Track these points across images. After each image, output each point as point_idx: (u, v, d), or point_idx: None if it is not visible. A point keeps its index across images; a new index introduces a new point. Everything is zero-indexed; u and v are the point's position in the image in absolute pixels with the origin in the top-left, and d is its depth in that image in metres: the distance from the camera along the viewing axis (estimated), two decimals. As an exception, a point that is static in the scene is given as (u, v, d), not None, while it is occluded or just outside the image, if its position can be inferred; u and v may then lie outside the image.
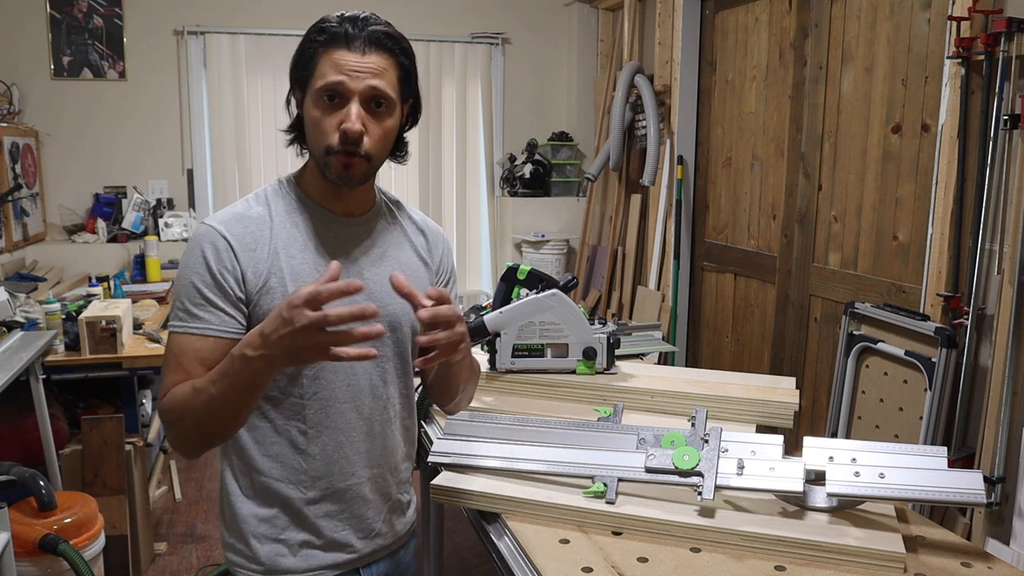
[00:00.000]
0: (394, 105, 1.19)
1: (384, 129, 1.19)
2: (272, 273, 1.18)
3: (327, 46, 1.16)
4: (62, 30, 4.39)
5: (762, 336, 3.63)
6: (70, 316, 2.85)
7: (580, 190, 5.11)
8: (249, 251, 1.18)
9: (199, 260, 1.17)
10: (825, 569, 1.25)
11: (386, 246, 1.30)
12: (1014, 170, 2.24)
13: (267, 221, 1.21)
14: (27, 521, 2.27)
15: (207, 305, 1.16)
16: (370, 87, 1.15)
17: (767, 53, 3.54)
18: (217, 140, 4.65)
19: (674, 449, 1.40)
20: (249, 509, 1.26)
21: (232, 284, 1.16)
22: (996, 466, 2.20)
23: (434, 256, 1.37)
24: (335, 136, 1.16)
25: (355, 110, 1.15)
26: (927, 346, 2.52)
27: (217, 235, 1.18)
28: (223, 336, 1.16)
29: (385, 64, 1.17)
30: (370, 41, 1.15)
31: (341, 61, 1.14)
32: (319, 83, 1.15)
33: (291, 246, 1.21)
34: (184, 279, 1.18)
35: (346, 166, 1.17)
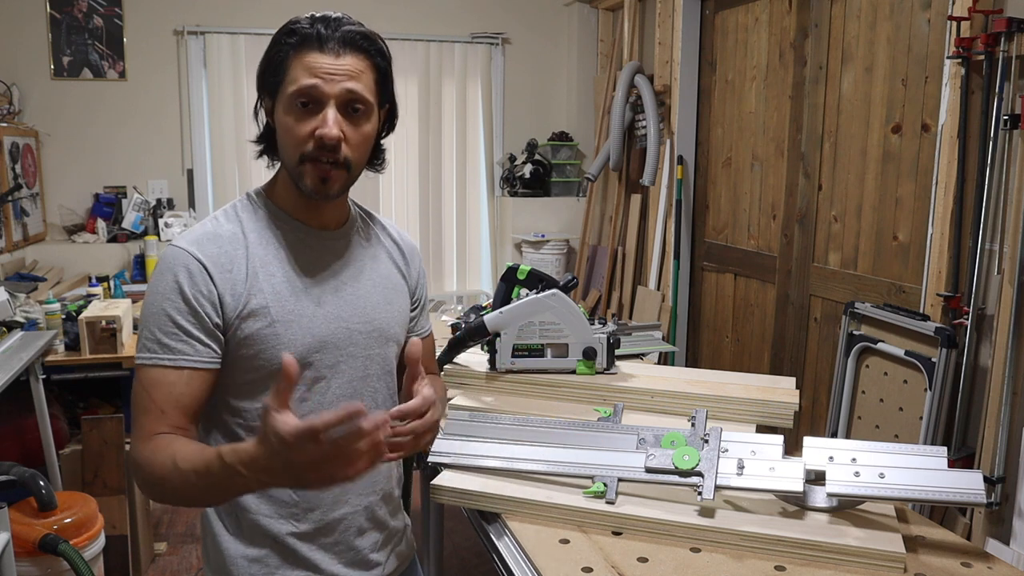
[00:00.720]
0: (372, 109, 1.13)
1: (363, 135, 1.13)
2: (252, 294, 1.11)
3: (298, 49, 1.09)
4: (62, 30, 4.39)
5: (762, 336, 3.63)
6: (70, 316, 2.85)
7: (580, 190, 5.11)
8: (225, 272, 1.10)
9: (171, 286, 1.08)
10: (825, 569, 1.25)
11: (364, 260, 1.25)
12: (1014, 170, 2.24)
13: (241, 238, 1.14)
14: (27, 521, 2.27)
15: (181, 334, 1.07)
16: (346, 90, 1.09)
17: (767, 53, 3.54)
18: (217, 140, 4.65)
19: (674, 449, 1.40)
20: (237, 549, 1.17)
21: (208, 310, 1.08)
22: (996, 466, 2.20)
23: (411, 273, 1.34)
24: (310, 143, 1.09)
25: (332, 115, 1.08)
26: (927, 346, 2.52)
27: (190, 258, 1.09)
28: (198, 367, 1.08)
29: (361, 66, 1.11)
30: (344, 42, 1.09)
31: (314, 64, 1.08)
32: (291, 88, 1.09)
33: (269, 263, 1.14)
34: (154, 306, 1.09)
35: (323, 179, 1.11)
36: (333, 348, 1.17)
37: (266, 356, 1.11)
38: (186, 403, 1.08)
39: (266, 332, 1.11)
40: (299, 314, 1.13)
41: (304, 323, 1.13)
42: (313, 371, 1.15)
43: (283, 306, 1.12)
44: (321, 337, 1.15)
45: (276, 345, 1.11)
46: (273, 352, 1.11)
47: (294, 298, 1.14)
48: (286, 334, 1.12)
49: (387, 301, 1.25)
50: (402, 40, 4.77)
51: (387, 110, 1.21)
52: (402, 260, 1.32)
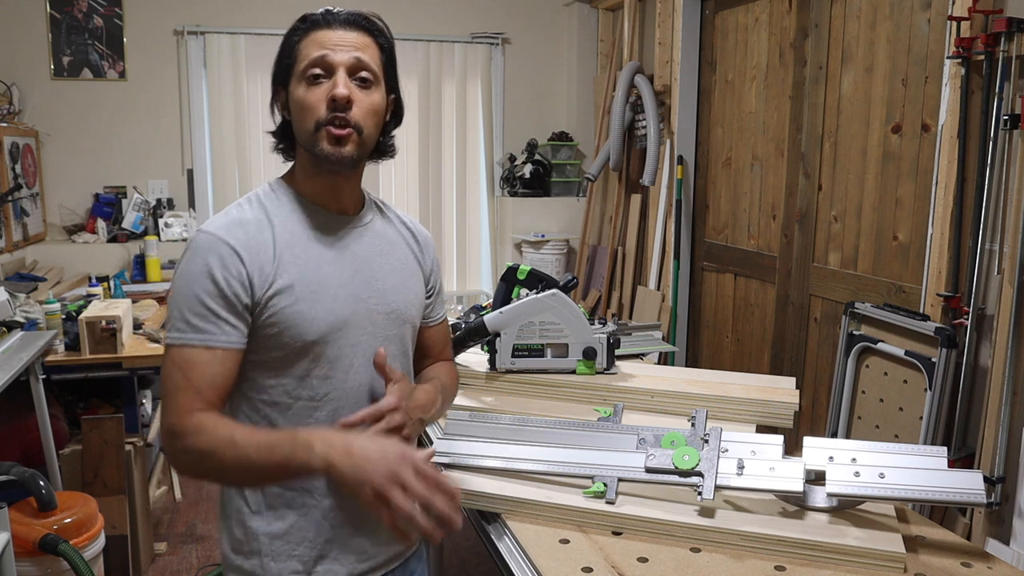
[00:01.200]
0: (379, 82, 1.20)
1: (371, 102, 1.18)
2: (278, 275, 1.16)
3: (308, 32, 1.19)
4: (62, 30, 4.39)
5: (762, 336, 3.63)
6: (70, 316, 2.85)
7: (580, 190, 5.11)
8: (254, 255, 1.15)
9: (202, 270, 1.13)
10: (825, 569, 1.25)
11: (382, 244, 1.30)
12: (1014, 170, 2.24)
13: (266, 223, 1.19)
14: (27, 521, 2.27)
15: (210, 315, 1.12)
16: (354, 58, 1.17)
17: (767, 53, 3.54)
18: (217, 140, 4.64)
19: (674, 449, 1.40)
20: (261, 526, 1.21)
21: (239, 291, 1.13)
22: (996, 466, 2.20)
23: (426, 262, 1.38)
24: (322, 108, 1.15)
25: (342, 78, 1.15)
26: (927, 346, 2.52)
27: (220, 242, 1.14)
28: (227, 348, 1.13)
29: (367, 41, 1.19)
30: (350, 21, 1.19)
31: (323, 38, 1.17)
32: (303, 63, 1.17)
33: (294, 245, 1.19)
34: (186, 290, 1.14)
35: (338, 140, 1.16)
36: (354, 327, 1.21)
37: (291, 333, 1.16)
38: (219, 383, 1.13)
39: (291, 310, 1.15)
40: (322, 293, 1.18)
41: (327, 302, 1.18)
42: (335, 349, 1.19)
43: (307, 285, 1.17)
44: (343, 316, 1.19)
45: (301, 323, 1.16)
46: (298, 330, 1.16)
47: (317, 278, 1.18)
48: (310, 312, 1.16)
49: (404, 284, 1.30)
50: (402, 40, 4.75)
51: (393, 101, 1.25)
52: (417, 247, 1.36)
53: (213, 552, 3.11)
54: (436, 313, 1.44)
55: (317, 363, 1.18)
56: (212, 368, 1.12)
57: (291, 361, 1.18)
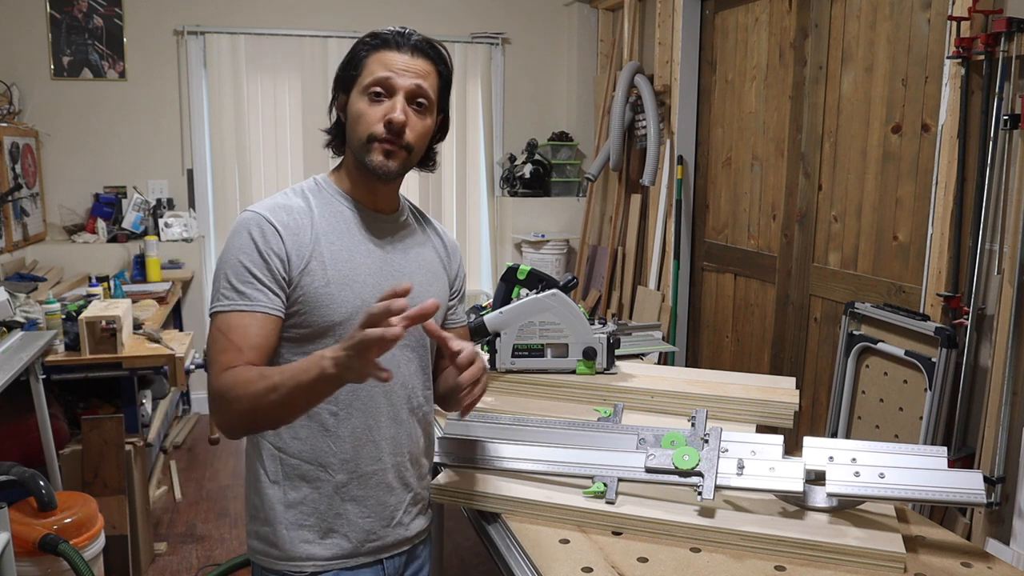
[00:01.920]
0: (433, 108, 1.30)
1: (424, 126, 1.28)
2: (313, 256, 1.24)
3: (377, 48, 1.27)
4: (62, 30, 4.39)
5: (762, 336, 3.63)
6: (70, 316, 2.85)
7: (580, 190, 5.11)
8: (293, 235, 1.24)
9: (247, 241, 1.22)
10: (825, 569, 1.25)
11: (412, 244, 1.38)
12: (1014, 170, 2.24)
13: (307, 211, 1.28)
14: (27, 521, 2.27)
15: (255, 282, 1.21)
16: (415, 85, 1.25)
17: (767, 53, 3.54)
18: (217, 140, 4.64)
19: (674, 449, 1.40)
20: (277, 495, 1.29)
21: (278, 264, 1.22)
22: (996, 466, 2.20)
23: (452, 267, 1.47)
24: (379, 126, 1.24)
25: (400, 103, 1.24)
26: (927, 346, 2.52)
27: (263, 220, 1.24)
28: (269, 313, 1.21)
29: (429, 69, 1.28)
30: (417, 48, 1.28)
31: (390, 60, 1.26)
32: (367, 80, 1.25)
33: (330, 233, 1.27)
34: (231, 259, 1.23)
35: (387, 153, 1.25)
36: None
37: (319, 313, 1.24)
38: (260, 343, 1.20)
39: (322, 291, 1.24)
40: (352, 279, 1.26)
41: (355, 287, 1.26)
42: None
43: (339, 270, 1.26)
44: (367, 301, 1.24)
45: (329, 304, 1.24)
46: (325, 310, 1.24)
47: (349, 265, 1.27)
48: (339, 295, 1.25)
49: (428, 283, 1.37)
50: (402, 40, 4.76)
51: (441, 119, 1.36)
52: (444, 253, 1.45)
53: (213, 552, 3.11)
54: (458, 316, 1.51)
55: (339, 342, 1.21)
56: (253, 330, 1.20)
57: (316, 338, 1.24)
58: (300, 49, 4.67)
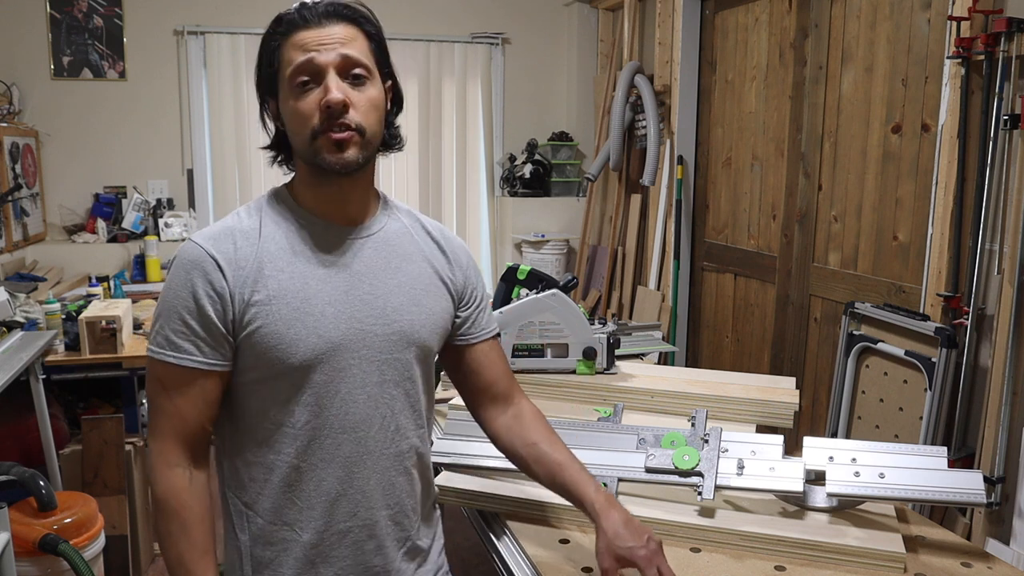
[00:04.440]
0: (373, 74, 1.10)
1: (368, 99, 1.09)
2: (256, 290, 1.08)
3: (286, 34, 1.09)
4: (62, 30, 4.39)
5: (762, 336, 3.63)
6: (70, 316, 2.85)
7: (580, 190, 5.11)
8: (237, 269, 1.08)
9: (183, 285, 1.08)
10: (825, 569, 1.25)
11: (391, 258, 1.17)
12: (1014, 170, 2.24)
13: (256, 234, 1.11)
14: (27, 521, 2.27)
15: (189, 334, 1.07)
16: (341, 56, 1.07)
17: (767, 53, 3.54)
18: (217, 140, 4.64)
19: (674, 449, 1.40)
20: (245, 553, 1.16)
21: (219, 308, 1.07)
22: (996, 466, 2.20)
23: (456, 275, 1.25)
24: (316, 117, 1.06)
25: (334, 82, 1.06)
26: (927, 346, 2.52)
27: (204, 255, 1.08)
28: (204, 369, 1.08)
29: (351, 33, 1.09)
30: (328, 14, 1.08)
31: (304, 40, 1.07)
32: (287, 71, 1.08)
33: (277, 259, 1.10)
34: (167, 302, 1.09)
35: (339, 144, 1.07)
36: (344, 350, 1.11)
37: (271, 356, 1.08)
38: (200, 407, 1.10)
39: (268, 330, 1.07)
40: (305, 312, 1.09)
41: (310, 322, 1.08)
42: (321, 374, 1.10)
43: (287, 302, 1.08)
44: (330, 338, 1.10)
45: (279, 344, 1.07)
46: (277, 352, 1.08)
47: (301, 296, 1.09)
48: (288, 333, 1.07)
49: (414, 302, 1.17)
50: (402, 40, 4.77)
51: (391, 87, 1.16)
52: (443, 261, 1.24)
53: (213, 552, 3.11)
54: (481, 327, 1.30)
55: (299, 389, 1.10)
56: (192, 391, 1.08)
57: (272, 385, 1.10)
58: (300, 49, 4.67)
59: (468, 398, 1.35)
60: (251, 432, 1.13)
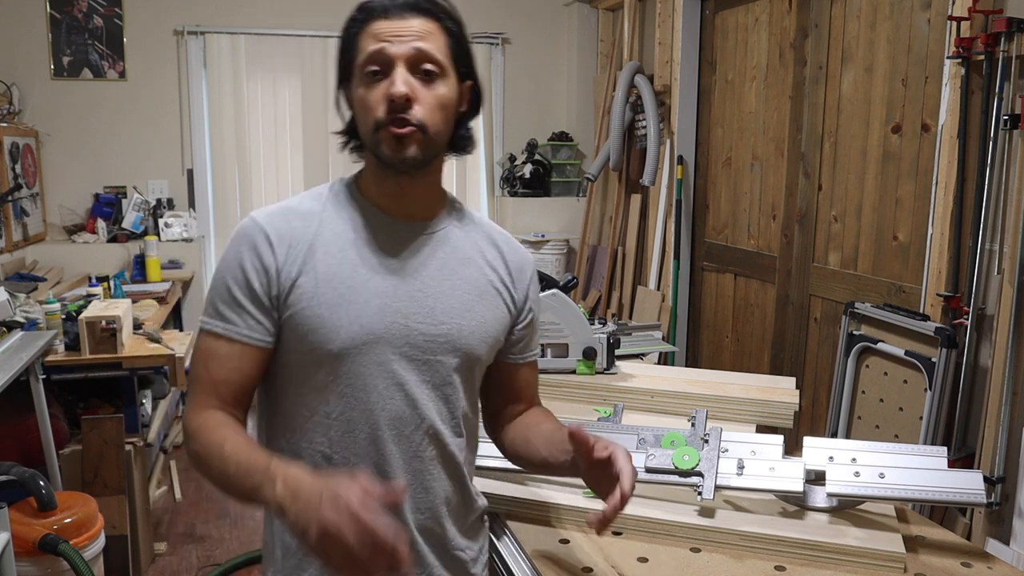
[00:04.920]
0: (446, 72, 1.08)
1: (436, 97, 1.06)
2: (304, 271, 1.07)
3: (364, 23, 1.07)
4: (62, 30, 4.39)
5: (762, 336, 3.63)
6: (70, 316, 2.85)
7: (580, 190, 5.11)
8: (287, 246, 1.08)
9: (235, 258, 1.09)
10: (825, 569, 1.25)
11: (449, 260, 1.14)
12: (1014, 170, 2.24)
13: (316, 216, 1.11)
14: (27, 521, 2.27)
15: (236, 306, 1.07)
16: (414, 49, 1.05)
17: (767, 53, 3.54)
18: (217, 140, 4.64)
19: (674, 449, 1.40)
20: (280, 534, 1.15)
21: (263, 281, 1.07)
22: (996, 466, 2.20)
23: (517, 290, 1.20)
24: (381, 108, 1.05)
25: (400, 74, 1.04)
26: (927, 346, 2.52)
27: (257, 229, 1.09)
28: (248, 343, 1.07)
29: (429, 28, 1.07)
30: (409, 7, 1.06)
31: (380, 30, 1.05)
32: (361, 59, 1.06)
33: (331, 244, 1.09)
34: (219, 275, 1.10)
35: (398, 138, 1.05)
36: (385, 344, 1.08)
37: (309, 339, 1.07)
38: (236, 379, 1.08)
39: (309, 313, 1.07)
40: (349, 299, 1.07)
41: (353, 310, 1.07)
42: (357, 364, 1.08)
43: (333, 287, 1.07)
44: (371, 329, 1.07)
45: (319, 328, 1.06)
46: (315, 336, 1.06)
47: (349, 283, 1.08)
48: (331, 317, 1.06)
49: (466, 308, 1.13)
50: (402, 40, 4.76)
51: (470, 88, 1.13)
52: (505, 273, 1.19)
53: (213, 552, 3.11)
54: (529, 350, 1.27)
55: (336, 377, 1.08)
56: (231, 363, 1.07)
57: (310, 371, 1.09)
58: (300, 49, 4.67)
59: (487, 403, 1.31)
60: (286, 418, 1.13)
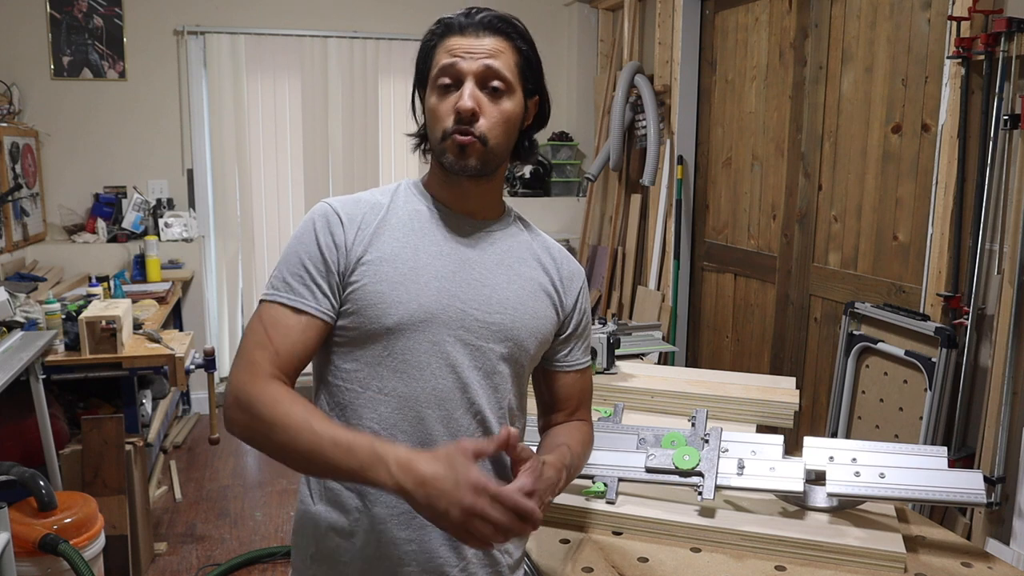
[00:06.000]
0: (513, 89, 1.15)
1: (501, 111, 1.14)
2: (371, 249, 1.14)
3: (442, 36, 1.16)
4: (62, 30, 4.39)
5: (762, 336, 3.63)
6: (70, 316, 2.85)
7: (580, 190, 5.11)
8: (356, 227, 1.15)
9: (308, 232, 1.14)
10: (825, 569, 1.25)
11: (504, 255, 1.21)
12: (1014, 170, 2.24)
13: (383, 206, 1.19)
14: (27, 521, 2.27)
15: (306, 278, 1.12)
16: (484, 66, 1.12)
17: (767, 53, 3.54)
18: (217, 140, 4.64)
19: (674, 449, 1.40)
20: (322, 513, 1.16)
21: (334, 257, 1.13)
22: (996, 466, 2.20)
23: (566, 296, 1.26)
24: (450, 119, 1.13)
25: (468, 89, 1.12)
26: (927, 346, 2.52)
27: (331, 210, 1.16)
28: (314, 315, 1.11)
29: (500, 46, 1.14)
30: (483, 26, 1.14)
31: (454, 45, 1.14)
32: (434, 71, 1.15)
33: (398, 228, 1.16)
34: (290, 250, 1.15)
35: (461, 147, 1.13)
36: (440, 324, 1.13)
37: (368, 313, 1.12)
38: (298, 350, 1.10)
39: (372, 288, 1.12)
40: (410, 279, 1.13)
41: (413, 289, 1.12)
42: (412, 342, 1.12)
43: (395, 267, 1.13)
44: (428, 308, 1.12)
45: (379, 303, 1.11)
46: (374, 311, 1.11)
47: (411, 263, 1.14)
48: (391, 293, 1.12)
49: (520, 301, 1.19)
50: (402, 40, 4.77)
51: (537, 102, 1.21)
52: (557, 278, 1.25)
53: (213, 552, 3.11)
54: (575, 358, 1.29)
55: (391, 353, 1.12)
56: (295, 334, 1.10)
57: (366, 344, 1.13)
58: (300, 49, 4.67)
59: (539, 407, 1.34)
60: (337, 394, 1.15)
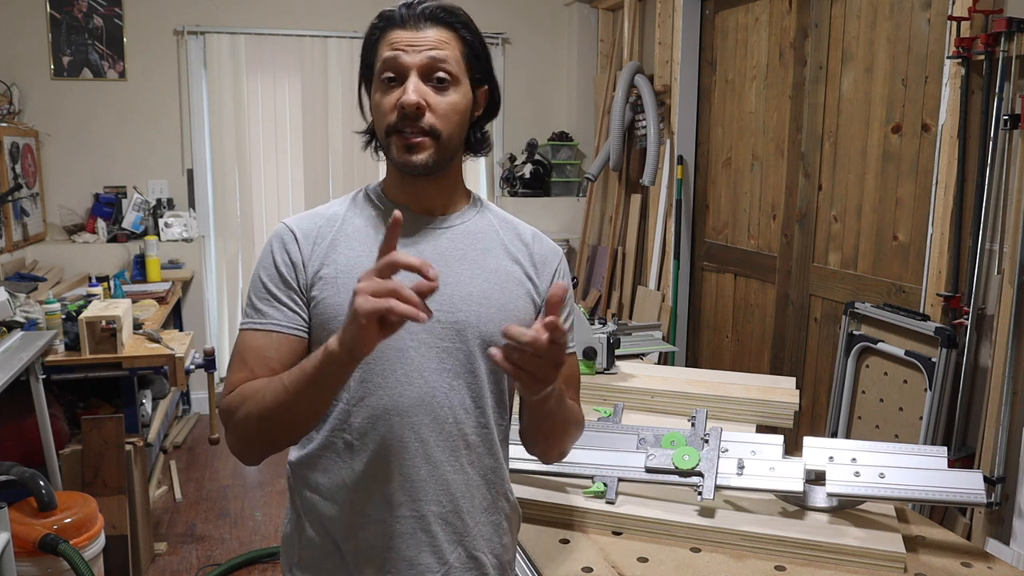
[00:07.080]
0: (459, 80, 1.12)
1: (449, 104, 1.11)
2: (326, 263, 1.13)
3: (384, 30, 1.13)
4: (62, 30, 4.39)
5: (762, 336, 3.63)
6: (70, 316, 2.85)
7: (580, 190, 5.11)
8: (313, 244, 1.15)
9: (267, 255, 1.16)
10: (825, 569, 1.25)
11: (468, 249, 1.18)
12: (1014, 170, 2.24)
13: (339, 217, 1.18)
14: (27, 521, 2.27)
15: (271, 300, 1.13)
16: (428, 58, 1.10)
17: (767, 53, 3.54)
18: (217, 140, 4.64)
19: (674, 449, 1.40)
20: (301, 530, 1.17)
21: (294, 274, 1.13)
22: (996, 466, 2.20)
23: (541, 279, 1.21)
24: (393, 115, 1.10)
25: (412, 83, 1.09)
26: (927, 346, 2.52)
27: (285, 228, 1.17)
28: (285, 332, 1.12)
29: (444, 37, 1.12)
30: (425, 17, 1.11)
31: (396, 38, 1.11)
32: (378, 66, 1.12)
33: (352, 239, 1.15)
34: (255, 275, 1.17)
35: (408, 147, 1.10)
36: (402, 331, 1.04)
37: (329, 327, 1.10)
38: (272, 366, 1.11)
39: (331, 302, 1.12)
40: None
41: None
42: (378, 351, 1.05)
43: (353, 278, 1.07)
44: None
45: (338, 315, 1.10)
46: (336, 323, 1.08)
47: None
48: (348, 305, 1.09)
49: (485, 295, 1.15)
50: (402, 40, 4.76)
51: (486, 92, 1.19)
52: (529, 265, 1.21)
53: (213, 552, 3.11)
54: None
55: None
56: (270, 352, 1.11)
57: None
58: (300, 49, 4.67)
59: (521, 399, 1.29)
60: None
